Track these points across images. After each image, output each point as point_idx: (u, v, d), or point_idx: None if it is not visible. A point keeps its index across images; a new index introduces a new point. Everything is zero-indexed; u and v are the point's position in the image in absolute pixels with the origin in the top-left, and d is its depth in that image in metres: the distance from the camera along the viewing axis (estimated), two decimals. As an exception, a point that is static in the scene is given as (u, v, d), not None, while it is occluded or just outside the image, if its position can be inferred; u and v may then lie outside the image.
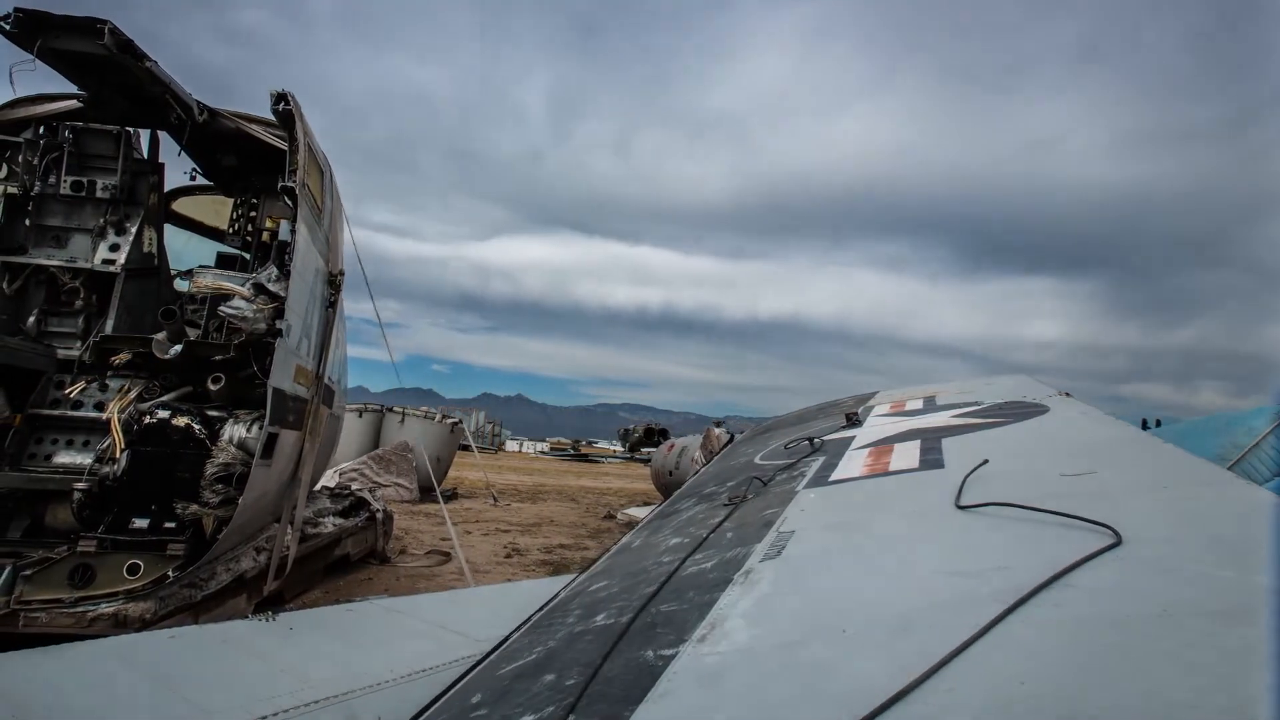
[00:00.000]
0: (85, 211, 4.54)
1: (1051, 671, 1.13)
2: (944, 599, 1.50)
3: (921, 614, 1.43)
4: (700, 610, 1.73)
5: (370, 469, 11.08)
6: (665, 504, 4.03)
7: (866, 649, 1.33)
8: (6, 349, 3.77)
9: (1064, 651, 1.19)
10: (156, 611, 3.21)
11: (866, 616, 1.49)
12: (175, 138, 4.83)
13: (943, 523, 2.07)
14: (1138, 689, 1.03)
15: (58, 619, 3.08)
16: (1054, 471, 2.41)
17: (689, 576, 2.08)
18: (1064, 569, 1.48)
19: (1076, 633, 1.25)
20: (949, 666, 1.19)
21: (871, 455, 3.29)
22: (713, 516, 2.89)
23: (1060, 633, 1.26)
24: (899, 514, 2.29)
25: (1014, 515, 1.95)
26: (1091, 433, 3.08)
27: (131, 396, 3.81)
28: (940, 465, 2.77)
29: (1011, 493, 2.09)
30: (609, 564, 2.84)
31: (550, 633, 2.06)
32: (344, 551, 5.73)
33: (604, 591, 2.29)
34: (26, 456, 3.99)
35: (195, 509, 3.32)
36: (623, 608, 1.97)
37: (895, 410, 4.86)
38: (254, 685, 2.34)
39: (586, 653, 1.68)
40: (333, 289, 4.50)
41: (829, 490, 2.82)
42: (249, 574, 4.05)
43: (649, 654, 1.54)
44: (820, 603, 1.64)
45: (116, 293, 4.45)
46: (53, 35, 3.62)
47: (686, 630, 1.62)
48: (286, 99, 3.75)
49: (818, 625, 1.50)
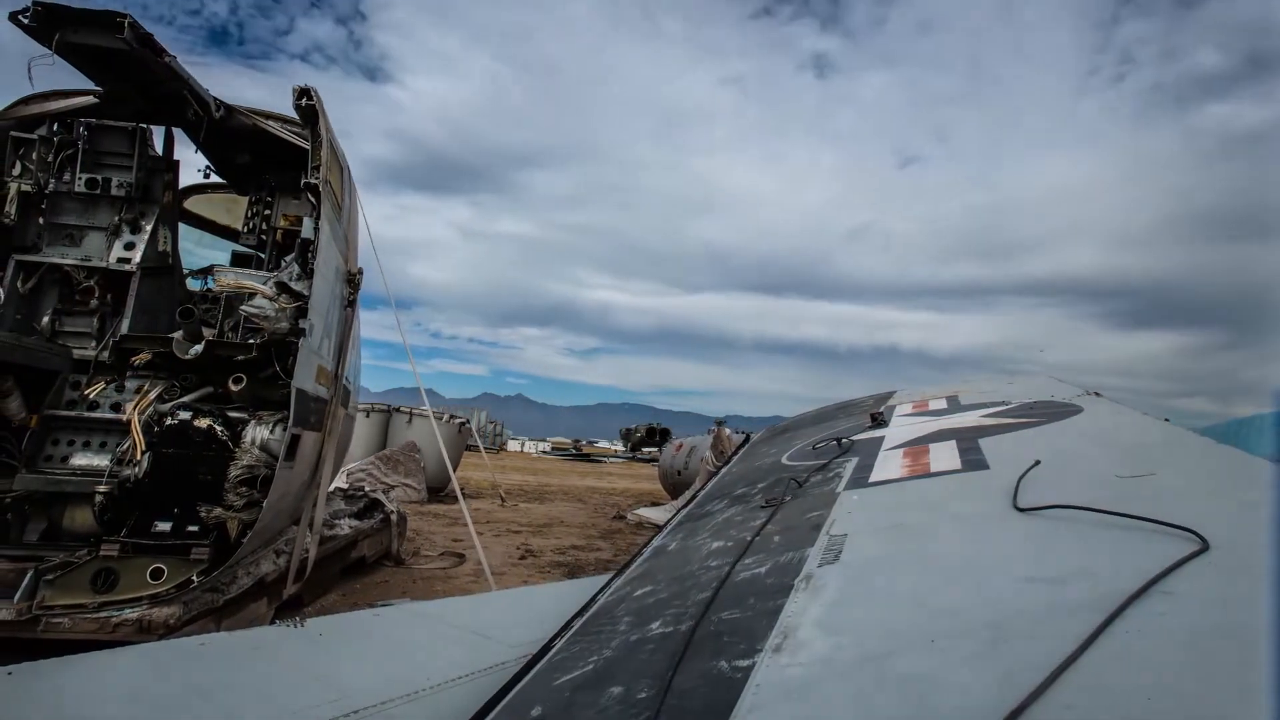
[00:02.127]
0: (100, 209, 4.47)
1: (1176, 684, 1.07)
2: (1030, 607, 1.43)
3: (1011, 623, 1.37)
4: (767, 618, 1.67)
5: (378, 469, 11.01)
6: (692, 505, 3.96)
7: (963, 661, 1.27)
8: (24, 349, 3.71)
9: (1183, 663, 1.13)
10: (180, 616, 3.15)
11: (952, 626, 1.42)
12: (190, 135, 4.76)
13: (1004, 526, 2.01)
14: (1274, 704, 0.97)
15: (80, 624, 3.01)
16: (1108, 473, 2.35)
17: (744, 582, 2.02)
18: (1156, 576, 1.42)
19: (1190, 643, 1.19)
20: (1061, 680, 1.13)
21: (908, 456, 3.23)
22: (752, 519, 2.83)
23: (1173, 643, 1.20)
24: (954, 517, 2.23)
25: (1079, 518, 1.89)
26: (1136, 432, 3.02)
27: (151, 397, 3.74)
28: (984, 466, 2.72)
29: (1069, 495, 2.03)
30: (647, 568, 2.77)
31: (601, 641, 2.00)
32: (360, 554, 5.66)
33: (652, 597, 2.23)
34: (43, 458, 3.92)
35: (219, 512, 3.26)
36: (679, 615, 1.91)
37: (919, 410, 4.80)
38: (290, 694, 2.27)
39: (652, 663, 1.62)
40: (351, 288, 4.44)
41: (872, 492, 2.76)
42: (269, 577, 3.99)
43: (723, 665, 1.47)
44: (895, 611, 1.58)
45: (132, 292, 4.39)
46: (71, 29, 3.55)
47: (757, 640, 1.56)
48: (309, 94, 3.69)
49: (900, 635, 1.44)
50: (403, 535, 6.62)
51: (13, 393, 3.80)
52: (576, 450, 51.25)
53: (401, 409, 13.47)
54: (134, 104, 4.39)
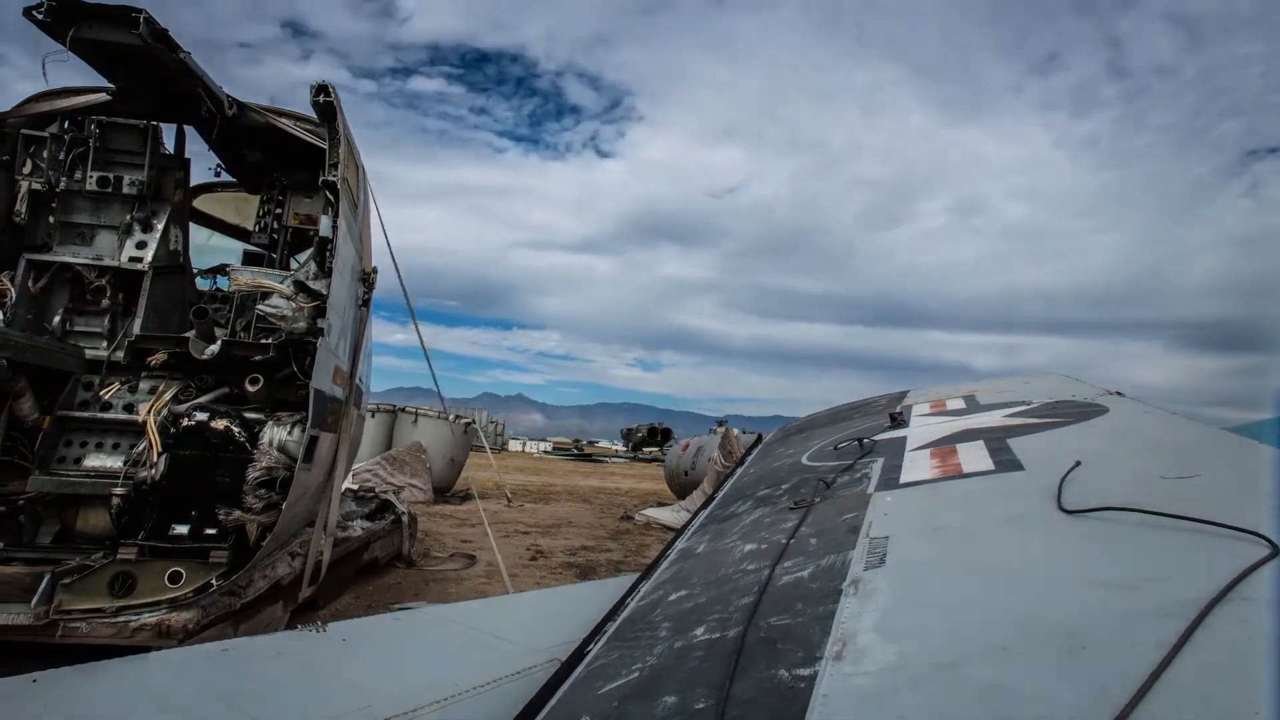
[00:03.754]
0: (112, 208, 4.42)
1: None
2: (1105, 614, 1.39)
3: (1089, 631, 1.32)
4: (820, 624, 1.62)
5: (384, 470, 10.95)
6: (713, 506, 3.91)
7: (1044, 670, 1.22)
8: (38, 349, 3.65)
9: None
10: (199, 621, 3.10)
11: (1024, 633, 1.38)
12: (202, 132, 4.71)
13: (1053, 528, 1.97)
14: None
15: (98, 629, 2.96)
16: (1150, 473, 2.31)
17: (787, 586, 1.97)
18: (1233, 580, 1.37)
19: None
20: (1155, 689, 1.08)
21: (936, 456, 3.19)
22: (783, 520, 2.78)
23: (1263, 650, 1.15)
24: (998, 518, 2.18)
25: (1130, 520, 1.85)
26: (1169, 433, 2.98)
27: (167, 398, 3.68)
28: (1019, 467, 2.67)
29: (1115, 496, 1.98)
30: (677, 571, 2.72)
31: (642, 647, 1.95)
32: (372, 555, 5.61)
33: (690, 602, 2.18)
34: (56, 459, 3.87)
35: (239, 514, 3.21)
36: (723, 620, 1.86)
37: (937, 410, 4.75)
38: (319, 702, 2.23)
39: (705, 671, 1.57)
40: (366, 287, 4.39)
41: (905, 493, 2.71)
42: (284, 580, 3.94)
43: (782, 673, 1.43)
44: (957, 616, 1.53)
45: (144, 291, 4.34)
46: (85, 25, 3.50)
47: (814, 647, 1.51)
48: (327, 90, 3.63)
49: (968, 642, 1.39)
50: (413, 537, 6.57)
51: (25, 393, 3.75)
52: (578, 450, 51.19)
53: (407, 409, 13.41)
54: (146, 101, 4.34)
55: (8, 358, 3.43)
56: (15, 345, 3.47)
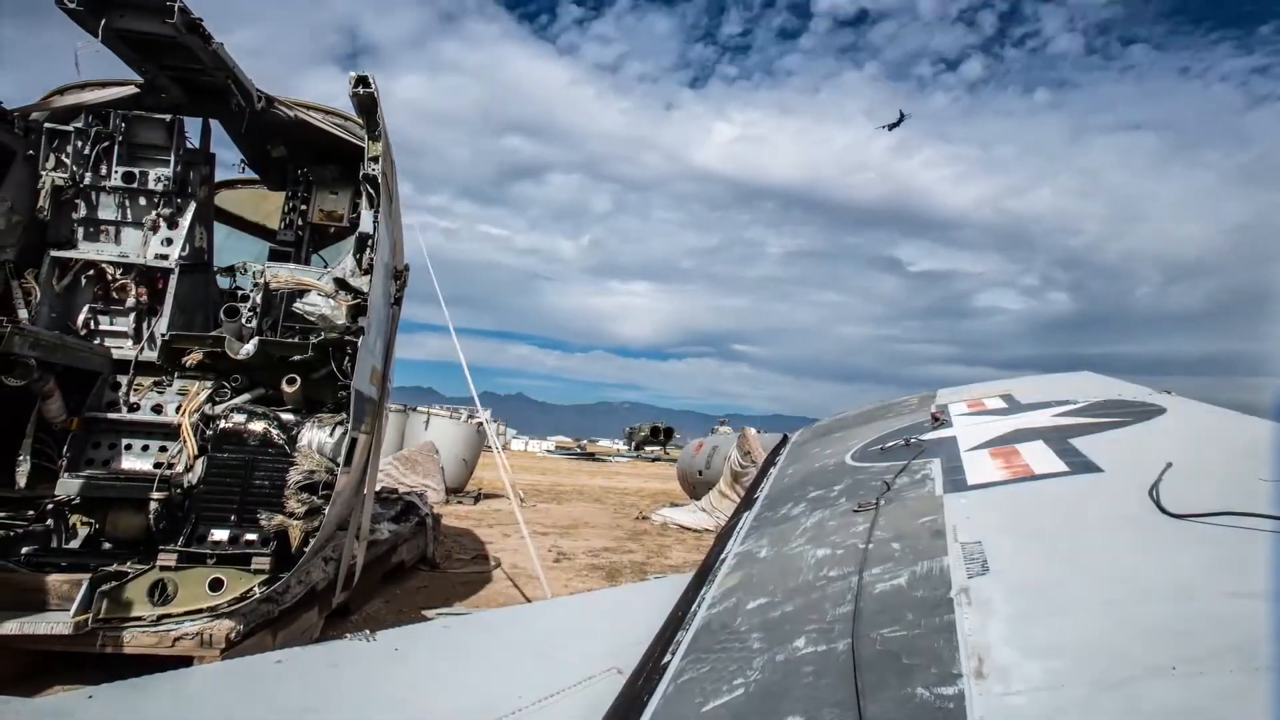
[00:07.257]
0: (137, 204, 4.32)
1: None
2: (1268, 628, 1.29)
3: (1255, 646, 1.23)
4: (941, 637, 1.53)
5: (397, 470, 10.85)
6: (759, 508, 3.81)
7: (1228, 693, 1.12)
8: (66, 348, 3.55)
9: None
10: (241, 630, 3.00)
11: (1183, 648, 1.28)
12: (228, 127, 4.61)
13: (1163, 534, 1.87)
14: None
15: (139, 638, 2.87)
16: (1247, 475, 2.21)
17: (885, 595, 1.88)
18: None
19: None
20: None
21: (998, 457, 3.09)
22: (850, 524, 2.68)
23: None
24: (1096, 523, 2.08)
25: (1249, 525, 1.75)
26: (1243, 431, 2.88)
27: (201, 399, 3.58)
28: (1095, 468, 2.57)
29: (1221, 500, 1.89)
30: (745, 577, 2.62)
31: (736, 659, 1.85)
32: (400, 558, 5.52)
33: (775, 610, 2.08)
34: (84, 461, 3.77)
35: (281, 519, 3.11)
36: (824, 632, 1.77)
37: (976, 409, 4.64)
38: (386, 716, 2.14)
39: (822, 688, 1.47)
40: (398, 285, 4.29)
41: (980, 495, 2.61)
42: (319, 586, 3.84)
43: (921, 692, 1.33)
44: (1098, 630, 1.43)
45: (171, 289, 4.24)
46: (118, 15, 3.40)
47: (945, 663, 1.41)
48: (367, 81, 3.52)
49: (1126, 659, 1.29)
50: (437, 538, 6.48)
51: (53, 394, 3.65)
52: (581, 449, 51.14)
53: (419, 409, 13.31)
54: (172, 94, 4.24)
55: (37, 358, 3.33)
56: (46, 345, 3.37)
